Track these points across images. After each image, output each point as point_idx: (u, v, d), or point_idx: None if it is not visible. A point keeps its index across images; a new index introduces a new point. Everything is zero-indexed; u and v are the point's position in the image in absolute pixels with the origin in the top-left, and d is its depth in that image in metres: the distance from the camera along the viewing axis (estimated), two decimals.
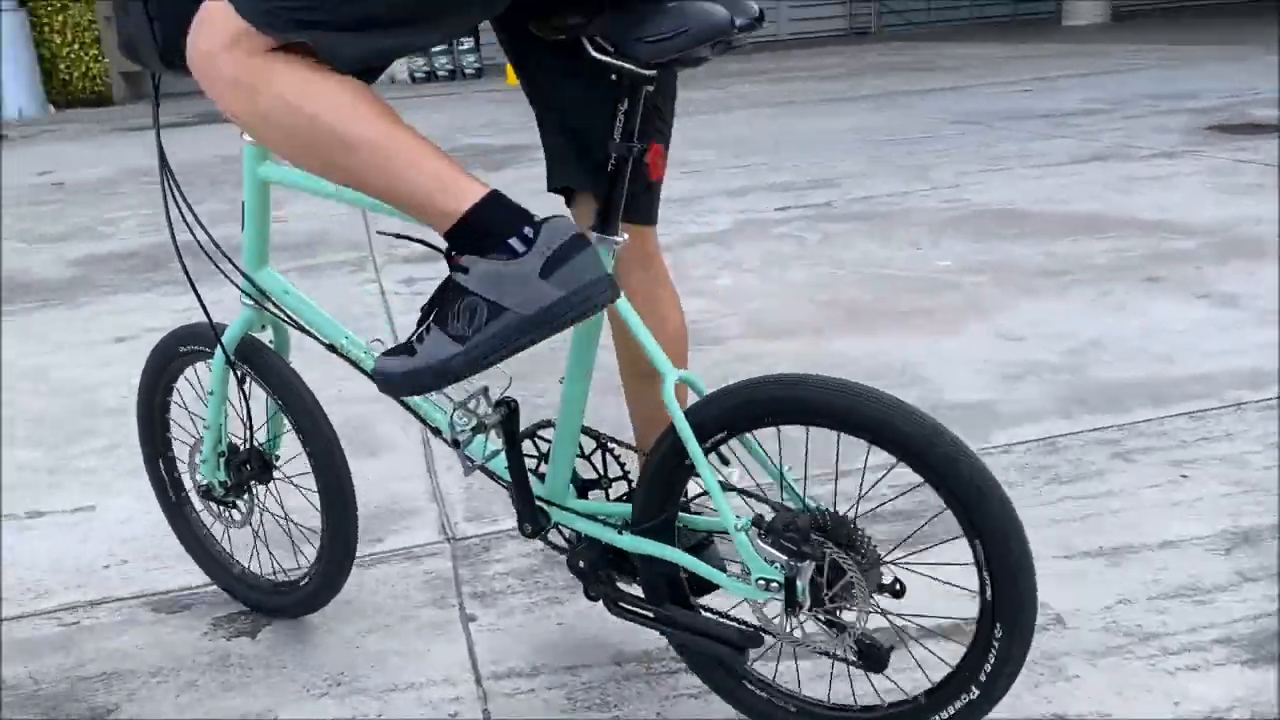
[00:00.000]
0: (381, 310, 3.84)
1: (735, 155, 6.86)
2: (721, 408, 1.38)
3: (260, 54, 1.26)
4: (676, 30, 1.20)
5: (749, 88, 11.66)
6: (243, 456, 1.81)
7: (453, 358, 1.21)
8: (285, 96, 1.25)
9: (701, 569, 1.40)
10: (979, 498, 1.23)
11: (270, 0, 1.23)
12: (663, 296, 1.66)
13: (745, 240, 4.50)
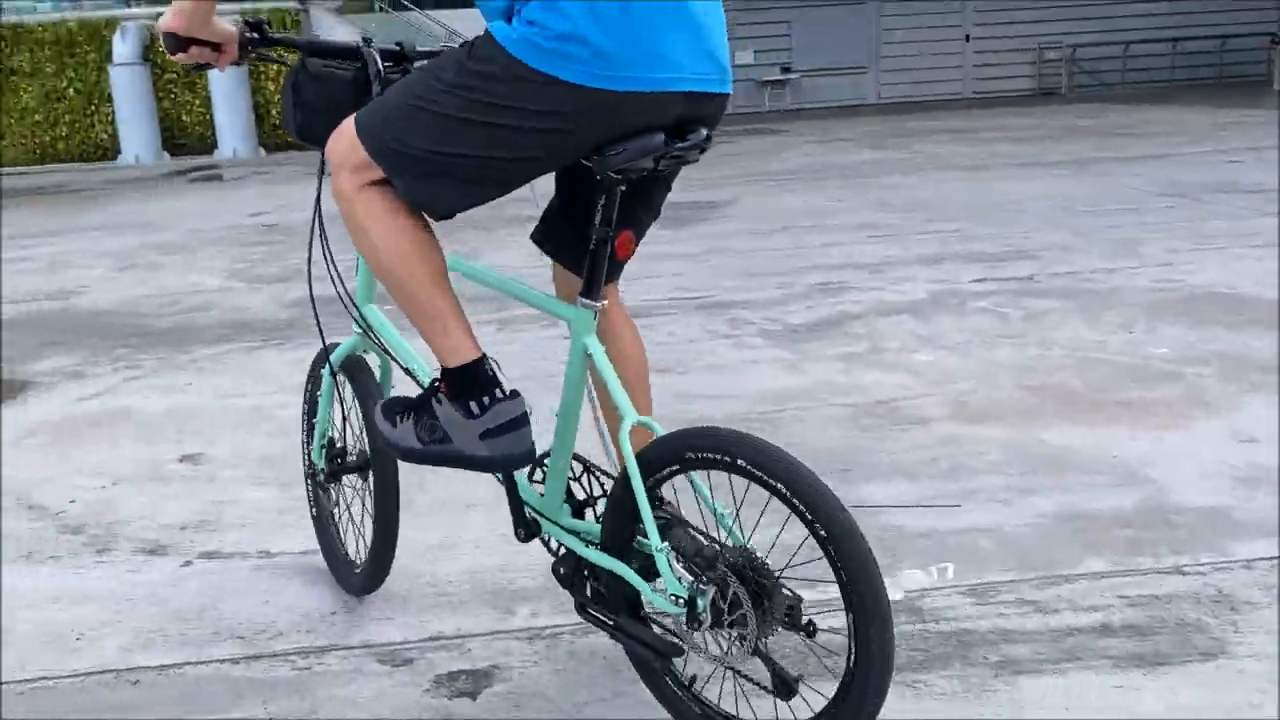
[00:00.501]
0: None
1: (926, 220, 6.73)
2: (666, 448, 1.64)
3: (365, 179, 1.66)
4: (619, 150, 1.56)
5: (935, 148, 11.46)
6: (338, 450, 2.22)
7: (410, 451, 1.74)
8: (367, 226, 1.68)
9: (633, 579, 1.65)
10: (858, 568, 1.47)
11: (381, 140, 1.61)
12: (624, 335, 1.95)
13: (943, 313, 4.39)
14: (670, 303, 4.87)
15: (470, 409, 1.68)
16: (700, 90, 1.60)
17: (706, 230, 6.87)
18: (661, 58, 1.54)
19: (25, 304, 5.61)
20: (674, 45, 1.55)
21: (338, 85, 1.83)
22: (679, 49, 1.55)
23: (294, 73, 1.90)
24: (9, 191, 12.61)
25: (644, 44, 1.51)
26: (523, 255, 6.24)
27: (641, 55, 1.52)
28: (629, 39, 1.50)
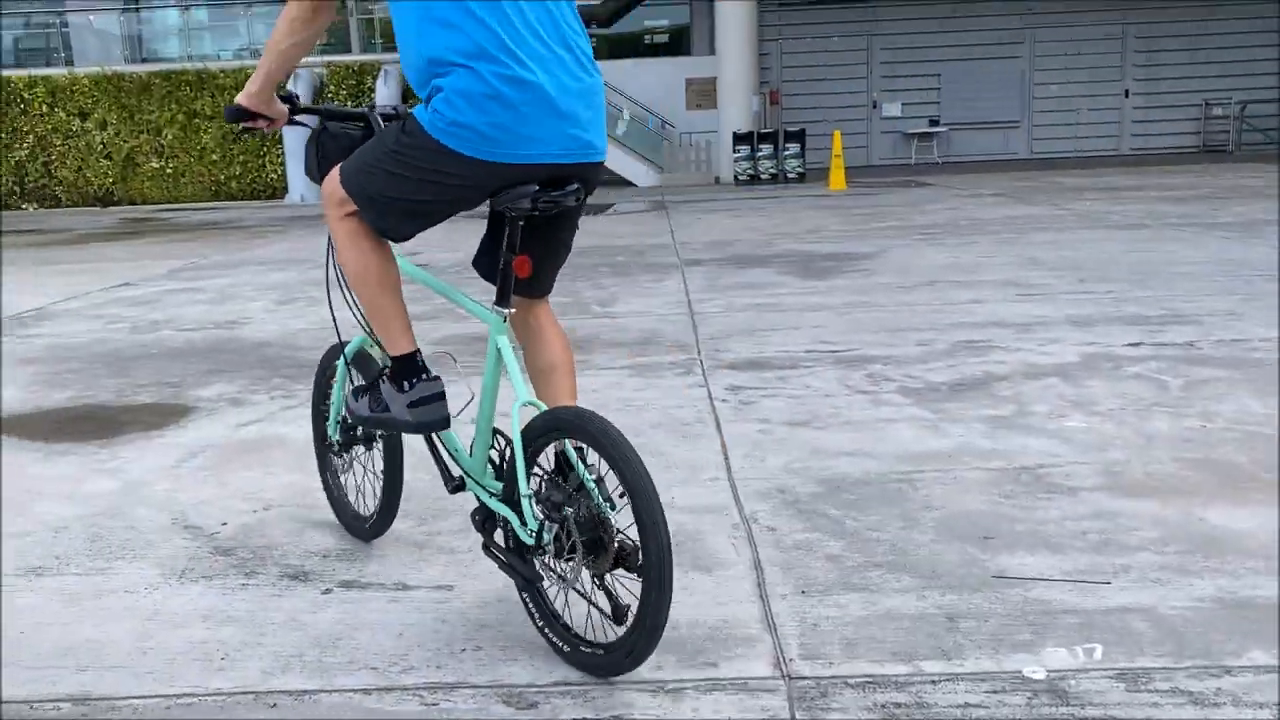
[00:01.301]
0: (710, 415, 3.90)
1: (1078, 280, 6.49)
2: (542, 422, 2.14)
3: (344, 211, 2.25)
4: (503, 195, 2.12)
5: (1090, 205, 11.07)
6: (349, 424, 2.73)
7: (364, 418, 2.40)
8: (342, 246, 2.28)
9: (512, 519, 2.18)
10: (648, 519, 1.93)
11: (354, 184, 2.22)
12: (548, 336, 2.43)
13: (1095, 377, 4.21)
14: (809, 355, 4.82)
15: (402, 386, 2.30)
16: (560, 161, 2.13)
17: (848, 283, 6.79)
18: (527, 139, 2.08)
19: (196, 332, 5.97)
20: (537, 130, 2.08)
21: (350, 142, 2.36)
22: (541, 132, 2.09)
23: (317, 133, 2.41)
24: (188, 225, 13.47)
25: (513, 130, 2.06)
26: (658, 302, 6.30)
27: (511, 138, 2.07)
28: (502, 127, 2.06)
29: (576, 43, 2.16)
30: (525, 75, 2.05)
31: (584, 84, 2.13)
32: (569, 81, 2.11)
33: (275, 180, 17.84)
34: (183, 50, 19.68)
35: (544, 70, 2.08)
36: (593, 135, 2.17)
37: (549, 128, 2.09)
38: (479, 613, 2.40)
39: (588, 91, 2.14)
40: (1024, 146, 21.22)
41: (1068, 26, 20.67)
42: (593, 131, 2.17)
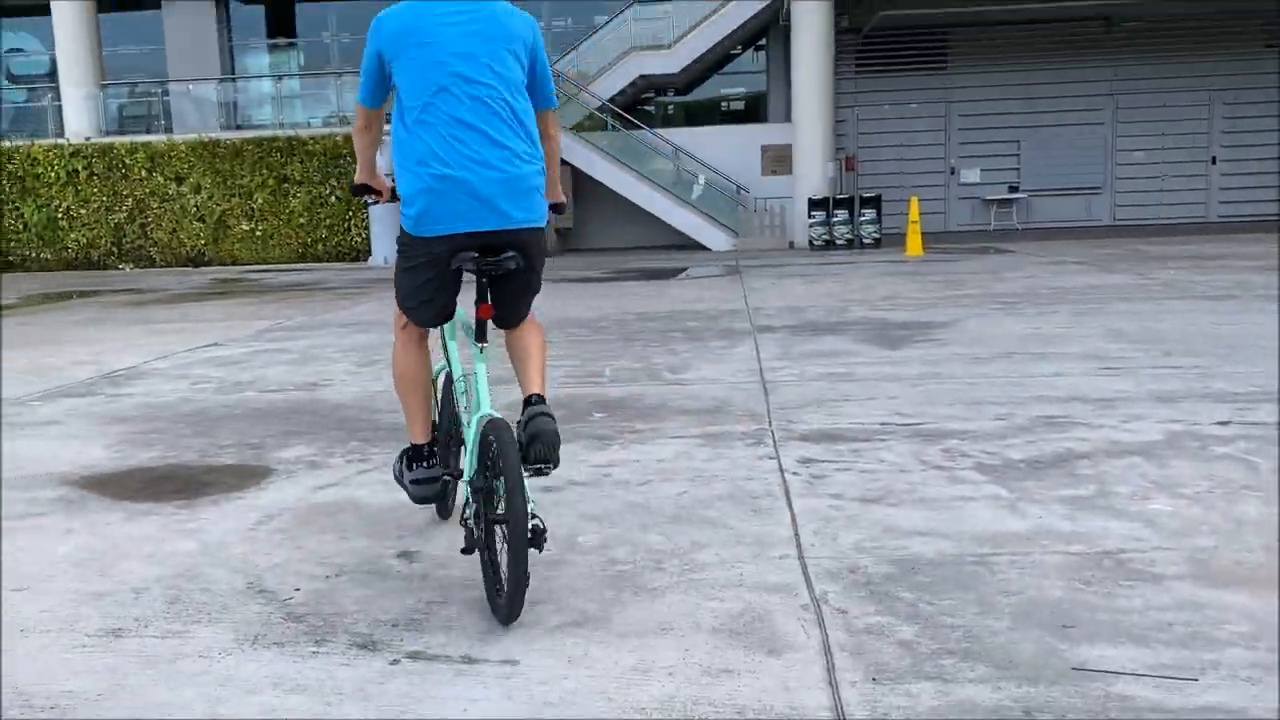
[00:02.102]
0: (780, 489, 3.86)
1: (1163, 353, 6.33)
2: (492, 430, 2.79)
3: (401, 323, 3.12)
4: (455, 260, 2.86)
5: (1176, 275, 10.82)
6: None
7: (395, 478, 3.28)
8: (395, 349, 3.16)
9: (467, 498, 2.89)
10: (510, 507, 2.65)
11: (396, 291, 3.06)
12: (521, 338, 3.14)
13: (1181, 457, 4.07)
14: (883, 427, 4.75)
15: (410, 466, 3.18)
16: (484, 230, 2.85)
17: (923, 353, 6.70)
18: (454, 217, 2.83)
19: (278, 393, 6.12)
20: (461, 209, 2.83)
21: None
22: (465, 210, 2.83)
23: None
24: (275, 286, 13.88)
25: (443, 211, 2.83)
26: (730, 369, 6.29)
27: (444, 216, 2.84)
28: (433, 210, 2.84)
29: (509, 143, 2.86)
30: (448, 173, 2.82)
31: (506, 174, 2.85)
32: (490, 174, 2.84)
33: (359, 243, 18.35)
34: (275, 117, 20.47)
35: (465, 169, 2.82)
36: (512, 210, 2.86)
37: (470, 207, 2.83)
38: (543, 690, 2.39)
39: (510, 179, 2.86)
40: (1107, 213, 20.88)
41: (1152, 93, 20.41)
42: (512, 207, 2.87)
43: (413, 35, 2.85)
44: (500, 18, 2.92)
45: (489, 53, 2.87)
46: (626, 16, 20.74)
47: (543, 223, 2.96)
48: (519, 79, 2.92)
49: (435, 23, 2.86)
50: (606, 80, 20.38)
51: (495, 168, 2.83)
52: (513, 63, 2.91)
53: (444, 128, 2.82)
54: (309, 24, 23.14)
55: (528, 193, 2.88)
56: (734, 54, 21.57)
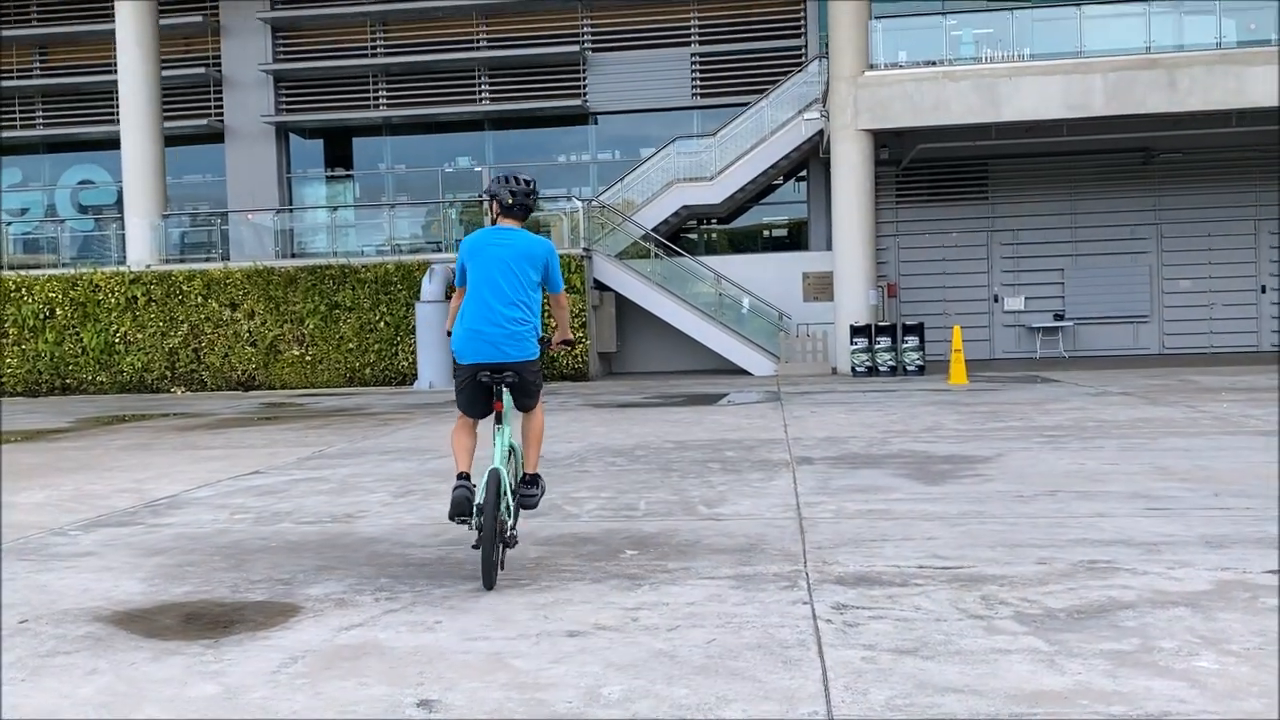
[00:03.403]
0: (812, 637, 3.76)
1: (1213, 493, 6.16)
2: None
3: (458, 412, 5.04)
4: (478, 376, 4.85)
5: (1226, 408, 10.62)
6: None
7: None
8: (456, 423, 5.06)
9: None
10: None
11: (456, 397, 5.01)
12: (525, 427, 5.07)
13: (1231, 609, 3.92)
14: (920, 571, 4.65)
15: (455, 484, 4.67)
16: (485, 362, 4.78)
17: (964, 490, 6.59)
18: (471, 351, 4.80)
19: (313, 525, 6.14)
20: (475, 346, 4.79)
21: None
22: (476, 348, 4.79)
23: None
24: (321, 411, 14.06)
25: (466, 347, 4.81)
26: (766, 504, 6.21)
27: (465, 351, 4.82)
28: (462, 347, 4.82)
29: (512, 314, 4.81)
30: (475, 325, 4.80)
31: (504, 330, 4.79)
32: (493, 328, 4.79)
33: (406, 367, 18.63)
34: (329, 246, 21.12)
35: (481, 322, 4.80)
36: (506, 349, 4.80)
37: (480, 347, 4.80)
38: None
39: (507, 334, 4.79)
40: (1155, 341, 20.68)
41: (1196, 222, 20.43)
42: (505, 348, 4.80)
43: (477, 251, 4.92)
44: (526, 243, 4.95)
45: (515, 264, 4.88)
46: (670, 150, 21.33)
47: (531, 357, 4.88)
48: (533, 279, 4.91)
49: (488, 244, 4.92)
50: (651, 210, 20.86)
51: (501, 326, 4.81)
52: (529, 269, 4.90)
53: (479, 302, 4.84)
54: (365, 157, 24.09)
55: (519, 341, 4.83)
56: (776, 184, 22.04)
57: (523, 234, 4.95)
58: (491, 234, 4.95)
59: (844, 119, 17.88)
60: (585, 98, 22.40)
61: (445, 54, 22.72)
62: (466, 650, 3.75)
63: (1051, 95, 17.10)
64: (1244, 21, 18.31)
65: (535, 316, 4.90)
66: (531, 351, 4.84)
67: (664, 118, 22.31)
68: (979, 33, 18.79)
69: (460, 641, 3.86)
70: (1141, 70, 16.92)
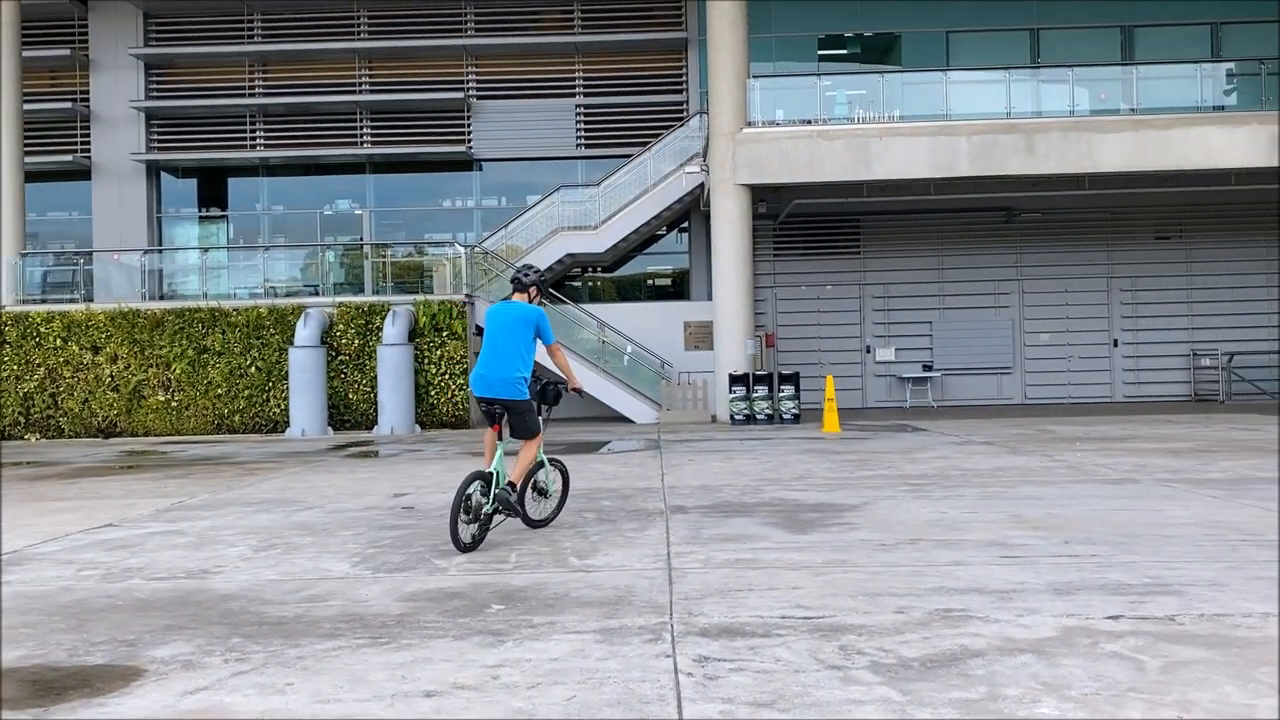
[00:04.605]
0: (672, 692, 3.76)
1: (1063, 541, 6.43)
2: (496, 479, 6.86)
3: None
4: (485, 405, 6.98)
5: (1079, 457, 11.11)
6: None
7: None
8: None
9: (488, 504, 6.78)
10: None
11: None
12: (521, 454, 6.98)
13: (1073, 655, 4.08)
14: (782, 621, 4.70)
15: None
16: (485, 396, 6.90)
17: (830, 539, 6.72)
18: (479, 388, 6.92)
19: (165, 581, 5.87)
20: (479, 385, 6.92)
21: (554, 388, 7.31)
22: (480, 386, 6.91)
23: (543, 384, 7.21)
24: (185, 460, 13.52)
25: (476, 385, 6.95)
26: (638, 554, 6.21)
27: (475, 387, 6.96)
28: (474, 384, 6.97)
29: (510, 363, 6.84)
30: (480, 371, 6.90)
31: (499, 373, 6.84)
32: (492, 371, 6.87)
33: (278, 415, 18.09)
34: (200, 287, 20.46)
35: (486, 367, 6.89)
36: (498, 390, 6.83)
37: (481, 385, 6.88)
38: None
39: (500, 378, 6.83)
40: (1018, 392, 21.59)
41: (1054, 279, 21.51)
42: (497, 389, 6.83)
43: (490, 317, 7.04)
44: (522, 311, 6.98)
45: (513, 326, 6.91)
46: (555, 199, 21.45)
47: (521, 397, 6.87)
48: (527, 336, 6.92)
49: (497, 312, 7.02)
50: (536, 257, 20.88)
51: (499, 373, 6.85)
52: (524, 329, 6.92)
53: (485, 354, 6.94)
54: (241, 197, 23.50)
55: (512, 384, 6.84)
56: (659, 235, 22.35)
57: (521, 305, 7.03)
58: (501, 305, 7.05)
59: (723, 173, 18.28)
60: (470, 144, 22.38)
61: (326, 96, 22.45)
62: (316, 714, 3.63)
63: (919, 155, 17.84)
64: (1095, 91, 19.50)
65: (526, 368, 6.87)
66: (519, 394, 6.84)
67: (549, 166, 22.45)
68: (852, 94, 19.54)
69: (311, 704, 3.73)
70: (1002, 134, 17.82)
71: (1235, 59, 20.52)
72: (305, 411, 17.34)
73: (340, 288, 19.76)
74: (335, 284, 20.05)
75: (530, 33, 22.29)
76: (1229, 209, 20.96)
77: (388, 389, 17.47)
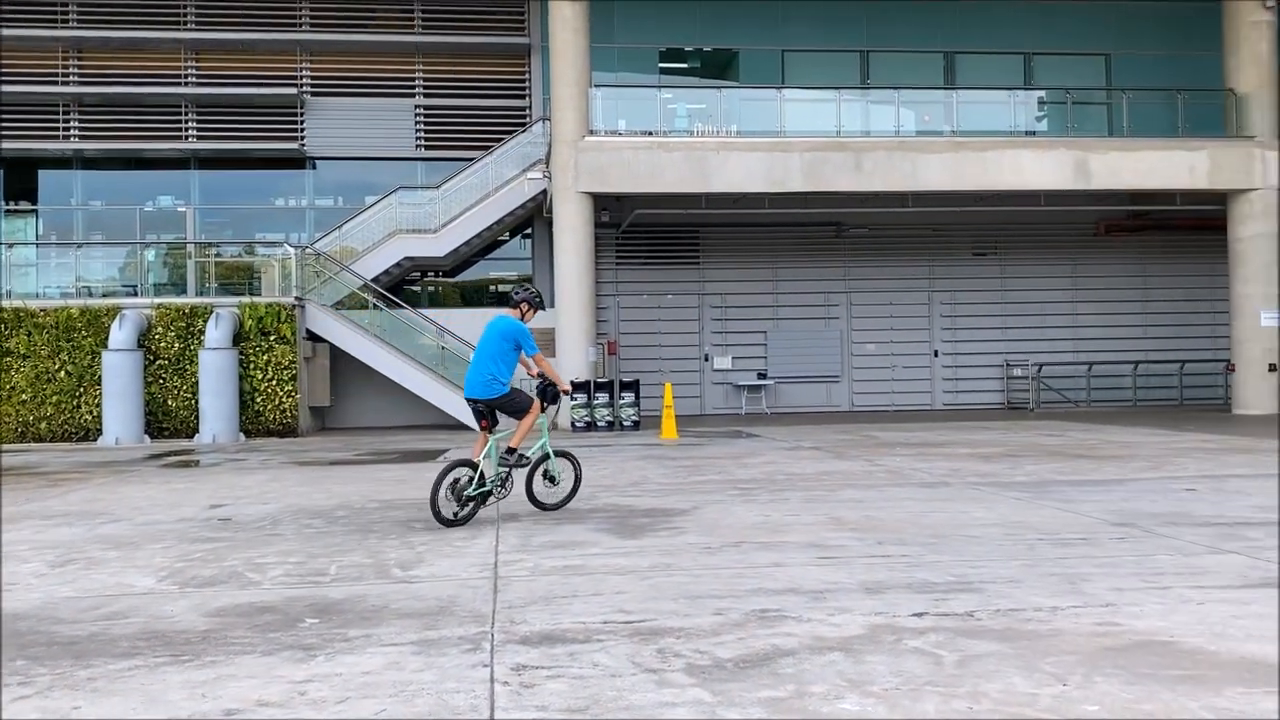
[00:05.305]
0: (487, 702, 3.72)
1: (877, 542, 6.69)
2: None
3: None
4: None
5: (899, 462, 11.61)
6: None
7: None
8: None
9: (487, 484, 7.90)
10: None
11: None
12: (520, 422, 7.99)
13: (877, 652, 4.25)
14: (605, 626, 4.72)
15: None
16: (469, 396, 7.94)
17: (658, 543, 6.80)
18: (467, 388, 7.97)
19: None
20: (468, 385, 7.94)
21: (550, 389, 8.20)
22: (467, 386, 7.96)
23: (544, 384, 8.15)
24: None
25: (465, 385, 7.99)
26: (465, 564, 6.12)
27: (468, 388, 7.94)
28: (467, 386, 7.97)
29: (490, 369, 7.79)
30: (467, 374, 7.99)
31: (476, 377, 7.84)
32: (472, 375, 7.89)
33: (90, 421, 17.04)
34: (4, 285, 19.07)
35: (470, 371, 7.95)
36: (478, 391, 7.81)
37: (468, 386, 7.91)
38: None
39: (481, 381, 7.80)
40: (846, 400, 22.41)
41: (880, 292, 22.45)
42: (478, 390, 7.82)
43: (485, 328, 7.99)
44: (505, 324, 7.87)
45: (496, 337, 7.83)
46: (393, 200, 21.01)
47: (498, 394, 7.77)
48: (505, 347, 7.78)
49: (489, 324, 7.98)
50: (372, 260, 20.40)
51: (481, 376, 7.80)
52: (505, 340, 7.79)
53: (473, 361, 7.95)
54: (53, 191, 22.06)
55: (488, 385, 7.77)
56: (502, 240, 22.18)
57: (507, 319, 7.92)
58: (495, 318, 8.02)
59: (565, 180, 18.31)
60: (303, 141, 21.67)
61: (149, 87, 21.32)
62: None
63: (755, 170, 18.32)
64: (920, 113, 20.49)
65: (502, 374, 7.79)
66: (496, 391, 7.78)
67: (387, 167, 21.95)
68: (692, 107, 19.92)
69: None
70: (833, 152, 18.49)
71: (1045, 87, 21.94)
72: (120, 419, 16.41)
73: (161, 288, 18.79)
74: (155, 284, 19.05)
75: (368, 30, 21.77)
76: (1039, 228, 22.35)
77: (210, 395, 16.71)
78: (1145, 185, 19.31)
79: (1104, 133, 19.96)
